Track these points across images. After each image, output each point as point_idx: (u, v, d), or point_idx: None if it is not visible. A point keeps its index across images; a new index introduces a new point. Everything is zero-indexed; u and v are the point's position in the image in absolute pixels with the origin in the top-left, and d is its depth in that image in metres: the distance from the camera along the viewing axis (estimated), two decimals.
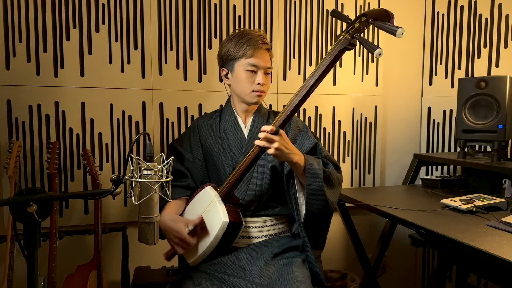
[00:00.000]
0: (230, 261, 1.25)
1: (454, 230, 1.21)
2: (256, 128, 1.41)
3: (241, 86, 1.37)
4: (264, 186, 1.37)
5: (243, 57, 1.34)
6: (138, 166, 0.94)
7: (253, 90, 1.36)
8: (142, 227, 0.99)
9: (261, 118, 1.46)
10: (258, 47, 1.34)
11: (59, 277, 1.59)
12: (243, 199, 1.35)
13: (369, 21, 1.15)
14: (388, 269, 2.17)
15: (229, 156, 1.40)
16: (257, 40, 1.34)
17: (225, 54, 1.38)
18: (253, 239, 1.34)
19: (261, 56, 1.35)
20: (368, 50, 1.11)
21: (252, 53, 1.33)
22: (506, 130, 1.66)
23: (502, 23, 1.98)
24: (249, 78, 1.35)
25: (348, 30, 1.17)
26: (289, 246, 1.32)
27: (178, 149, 1.46)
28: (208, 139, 1.45)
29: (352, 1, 2.13)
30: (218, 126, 1.46)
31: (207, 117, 1.52)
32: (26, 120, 1.70)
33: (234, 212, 1.25)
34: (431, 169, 2.28)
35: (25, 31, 1.68)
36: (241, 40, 1.35)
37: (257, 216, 1.37)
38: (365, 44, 1.12)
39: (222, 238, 1.19)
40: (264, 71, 1.36)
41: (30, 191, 0.82)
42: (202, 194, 1.33)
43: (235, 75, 1.38)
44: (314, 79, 1.20)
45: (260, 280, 1.17)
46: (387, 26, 1.11)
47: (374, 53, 1.09)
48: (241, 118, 1.45)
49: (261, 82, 1.35)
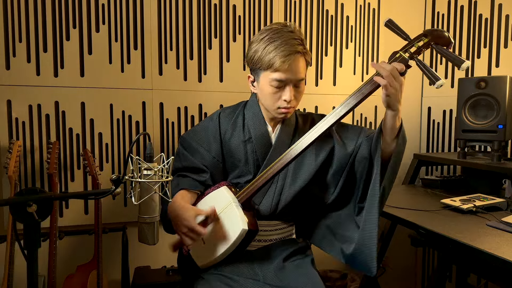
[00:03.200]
0: (243, 264, 1.22)
1: (454, 230, 1.21)
2: (284, 135, 1.31)
3: (265, 99, 1.23)
4: (283, 195, 1.29)
5: (269, 69, 1.16)
6: (138, 166, 0.94)
7: (279, 107, 1.21)
8: (142, 227, 0.99)
9: (290, 123, 1.33)
10: (288, 56, 1.14)
11: (59, 277, 1.59)
12: (258, 204, 1.29)
13: (432, 44, 1.08)
14: (388, 269, 2.17)
15: (251, 161, 1.30)
16: (288, 46, 1.15)
17: (251, 58, 1.21)
18: (264, 242, 1.31)
19: (290, 68, 1.16)
20: (428, 78, 1.05)
21: (280, 66, 1.14)
22: (506, 130, 1.66)
23: (502, 23, 1.98)
24: (274, 93, 1.19)
25: (406, 49, 1.09)
26: (297, 248, 1.30)
27: (192, 145, 1.33)
28: (230, 137, 1.31)
29: (352, 1, 2.13)
30: (242, 124, 1.32)
31: (229, 111, 1.37)
32: (26, 120, 1.70)
33: (252, 218, 1.19)
34: (431, 169, 2.28)
35: (25, 31, 1.68)
36: (270, 44, 1.16)
37: (270, 220, 1.32)
38: (426, 72, 1.05)
39: (239, 245, 1.16)
40: (294, 84, 1.20)
41: (30, 191, 0.82)
42: (217, 193, 1.26)
43: (261, 86, 1.22)
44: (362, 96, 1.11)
45: (275, 282, 1.15)
46: (453, 56, 1.05)
47: (436, 84, 1.03)
48: (268, 121, 1.31)
49: (288, 98, 1.18)
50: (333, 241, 1.28)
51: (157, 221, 1.00)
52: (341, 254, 1.23)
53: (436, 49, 1.09)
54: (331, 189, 1.31)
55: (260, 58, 1.18)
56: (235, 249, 1.18)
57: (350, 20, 2.13)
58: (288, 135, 1.32)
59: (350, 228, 1.24)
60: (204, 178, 1.30)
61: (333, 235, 1.29)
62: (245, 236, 1.15)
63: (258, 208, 1.30)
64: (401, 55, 1.08)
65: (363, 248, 1.15)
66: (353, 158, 1.28)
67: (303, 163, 1.30)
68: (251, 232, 1.17)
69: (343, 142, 1.30)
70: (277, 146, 1.30)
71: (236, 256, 1.22)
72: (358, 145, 1.28)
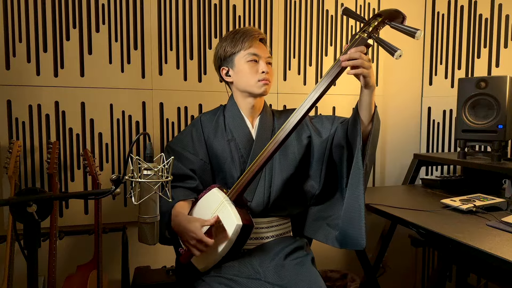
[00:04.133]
0: (243, 263, 1.22)
1: (454, 230, 1.21)
2: (263, 129, 1.39)
3: (245, 78, 1.34)
4: (273, 187, 1.34)
5: (242, 49, 1.33)
6: (138, 166, 0.94)
7: (259, 80, 1.33)
8: (142, 227, 0.99)
9: (267, 118, 1.43)
10: (255, 37, 1.34)
11: (59, 277, 1.59)
12: (251, 201, 1.32)
13: (385, 21, 1.13)
14: (388, 269, 2.17)
15: (237, 158, 1.35)
16: (252, 32, 1.34)
17: (222, 53, 1.37)
18: (261, 240, 1.33)
19: (259, 46, 1.34)
20: (387, 51, 1.08)
21: (250, 43, 1.32)
22: (506, 130, 1.66)
23: (502, 23, 1.98)
24: (252, 68, 1.33)
25: (364, 29, 1.14)
26: (297, 246, 1.32)
27: (179, 151, 1.38)
28: (213, 139, 1.38)
29: (352, 1, 2.13)
30: (224, 126, 1.40)
31: (210, 114, 1.45)
32: (26, 120, 1.70)
33: (245, 214, 1.21)
34: (431, 169, 2.28)
35: (25, 31, 1.68)
36: (236, 35, 1.34)
37: (264, 217, 1.34)
38: (384, 45, 1.09)
39: (235, 241, 1.17)
40: (266, 61, 1.34)
41: (30, 191, 0.82)
42: (209, 196, 1.29)
43: (237, 69, 1.35)
44: (330, 78, 1.15)
45: (275, 281, 1.16)
46: (406, 28, 1.08)
47: (395, 55, 1.06)
48: (248, 119, 1.40)
49: (265, 70, 1.33)
50: (327, 230, 1.32)
51: (157, 221, 1.00)
52: (335, 241, 1.27)
53: (390, 25, 1.13)
54: (316, 180, 1.39)
55: (231, 46, 1.34)
56: (232, 247, 1.18)
57: (350, 20, 2.13)
58: (268, 128, 1.40)
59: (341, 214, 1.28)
60: (193, 184, 1.34)
61: (327, 224, 1.34)
62: (241, 231, 1.16)
63: (251, 205, 1.32)
64: (360, 35, 1.14)
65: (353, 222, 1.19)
66: (330, 144, 1.35)
67: (287, 152, 1.37)
68: (246, 228, 1.17)
69: (318, 131, 1.40)
70: (258, 140, 1.37)
71: (235, 255, 1.23)
72: (333, 132, 1.35)
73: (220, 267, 1.22)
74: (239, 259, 1.24)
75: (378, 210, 1.50)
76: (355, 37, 1.15)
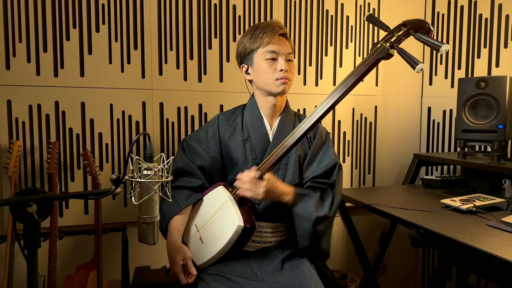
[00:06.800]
0: (242, 265, 1.23)
1: (454, 230, 1.21)
2: (282, 131, 1.35)
3: (263, 76, 1.30)
4: None
5: (261, 46, 1.28)
6: (138, 166, 0.94)
7: (277, 78, 1.28)
8: (142, 227, 0.99)
9: (288, 121, 1.38)
10: (275, 32, 1.28)
11: (59, 277, 1.59)
12: (258, 204, 1.31)
13: (410, 32, 1.10)
14: (388, 269, 2.17)
15: (250, 160, 1.34)
16: (273, 27, 1.29)
17: (242, 50, 1.33)
18: (264, 244, 1.32)
19: (279, 42, 1.28)
20: (408, 64, 1.06)
21: (269, 40, 1.27)
22: (506, 130, 1.66)
23: (502, 23, 1.99)
24: (270, 67, 1.28)
25: (386, 39, 1.11)
26: (296, 250, 1.31)
27: (192, 145, 1.37)
28: (228, 137, 1.37)
29: (352, 1, 2.13)
30: (241, 125, 1.38)
31: (228, 113, 1.43)
32: (26, 120, 1.70)
33: (248, 216, 1.21)
34: (431, 169, 2.28)
35: (25, 31, 1.68)
36: (255, 31, 1.30)
37: (271, 222, 1.33)
38: (406, 57, 1.06)
39: (235, 242, 1.17)
40: (286, 58, 1.29)
41: (30, 191, 0.82)
42: (214, 193, 1.29)
43: (255, 67, 1.31)
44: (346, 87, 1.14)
45: (273, 284, 1.16)
46: (431, 41, 1.06)
47: (416, 68, 1.03)
48: (266, 119, 1.37)
49: (284, 68, 1.27)
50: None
51: (157, 221, 1.00)
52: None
53: (415, 37, 1.11)
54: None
55: (250, 43, 1.30)
56: (232, 247, 1.18)
57: (350, 20, 2.13)
58: (287, 131, 1.35)
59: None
60: (198, 183, 1.33)
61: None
62: (241, 233, 1.16)
63: (258, 208, 1.30)
64: (382, 45, 1.11)
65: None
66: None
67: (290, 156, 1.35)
68: (247, 229, 1.17)
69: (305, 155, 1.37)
70: (275, 142, 1.33)
71: (234, 255, 1.23)
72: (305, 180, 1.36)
73: (219, 266, 1.22)
74: (239, 260, 1.24)
75: (378, 210, 1.50)
76: (376, 45, 1.11)
